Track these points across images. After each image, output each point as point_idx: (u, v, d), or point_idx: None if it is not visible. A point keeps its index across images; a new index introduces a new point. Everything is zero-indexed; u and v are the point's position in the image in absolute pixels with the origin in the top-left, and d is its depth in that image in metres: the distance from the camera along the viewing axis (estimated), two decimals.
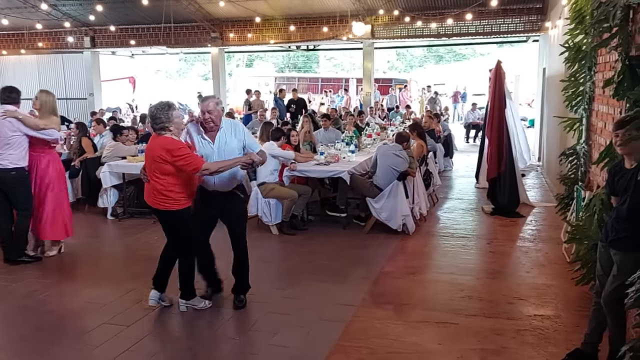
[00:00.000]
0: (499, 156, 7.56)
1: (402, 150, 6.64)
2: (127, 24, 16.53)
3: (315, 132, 9.17)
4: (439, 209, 8.03)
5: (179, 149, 3.98)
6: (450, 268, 5.40)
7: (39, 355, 3.77)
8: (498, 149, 7.56)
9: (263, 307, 4.47)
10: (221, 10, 15.09)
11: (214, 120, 4.16)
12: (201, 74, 38.59)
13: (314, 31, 15.31)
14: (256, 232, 6.73)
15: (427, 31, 14.50)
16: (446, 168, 11.33)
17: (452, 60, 41.15)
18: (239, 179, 4.40)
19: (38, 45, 17.99)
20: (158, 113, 4.07)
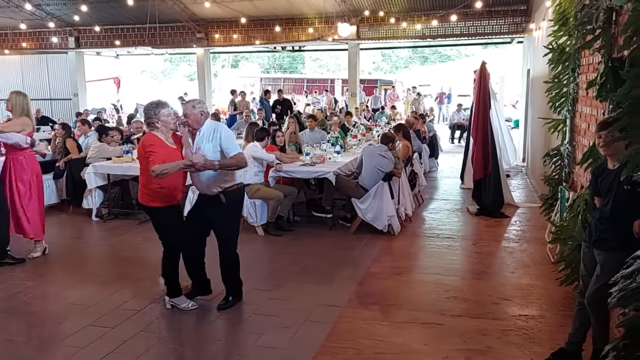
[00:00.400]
0: (485, 157, 7.62)
1: (388, 151, 6.66)
2: (112, 24, 16.39)
3: (301, 132, 9.16)
4: (425, 209, 8.07)
5: (150, 145, 4.06)
6: (436, 269, 5.42)
7: (23, 359, 3.71)
8: (484, 150, 7.61)
9: (249, 309, 4.45)
10: (206, 11, 15.02)
11: (190, 124, 4.17)
12: (186, 74, 38.36)
13: (299, 32, 15.31)
14: (242, 233, 6.54)
15: (412, 32, 14.57)
16: (431, 169, 11.39)
17: (437, 62, 41.41)
18: (226, 184, 4.25)
19: (22, 46, 17.75)
20: (148, 110, 4.23)
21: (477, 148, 7.69)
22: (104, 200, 7.62)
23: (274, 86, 23.21)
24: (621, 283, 2.46)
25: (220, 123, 4.61)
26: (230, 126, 12.71)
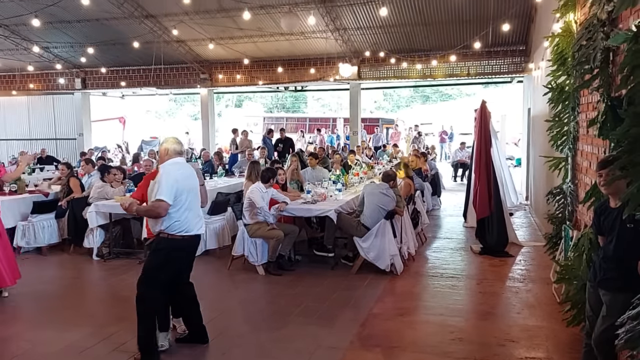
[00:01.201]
0: (489, 196, 7.57)
1: (389, 189, 6.64)
2: (118, 65, 16.72)
3: (302, 170, 9.18)
4: (428, 248, 7.99)
5: (146, 178, 4.37)
6: (440, 309, 5.32)
7: None
8: (487, 188, 7.58)
9: (250, 350, 4.35)
10: (210, 53, 15.34)
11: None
12: (191, 114, 38.84)
13: (301, 72, 15.57)
14: (242, 272, 6.62)
15: (412, 72, 14.80)
16: (434, 207, 11.35)
17: (438, 100, 41.90)
18: (155, 227, 4.14)
19: (29, 87, 18.07)
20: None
21: (480, 187, 7.66)
22: (105, 239, 7.58)
23: (277, 125, 23.45)
24: (628, 324, 2.40)
25: (170, 166, 4.13)
26: (232, 165, 12.79)
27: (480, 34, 12.33)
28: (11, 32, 14.50)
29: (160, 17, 13.41)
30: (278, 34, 13.69)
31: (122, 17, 13.09)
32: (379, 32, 13.52)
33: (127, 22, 13.38)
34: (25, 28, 13.95)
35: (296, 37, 13.78)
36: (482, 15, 11.98)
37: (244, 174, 10.90)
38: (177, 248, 4.15)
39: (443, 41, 13.54)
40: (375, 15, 12.39)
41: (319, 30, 13.41)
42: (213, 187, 9.08)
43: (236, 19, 12.62)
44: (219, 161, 12.39)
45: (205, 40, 14.29)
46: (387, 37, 13.70)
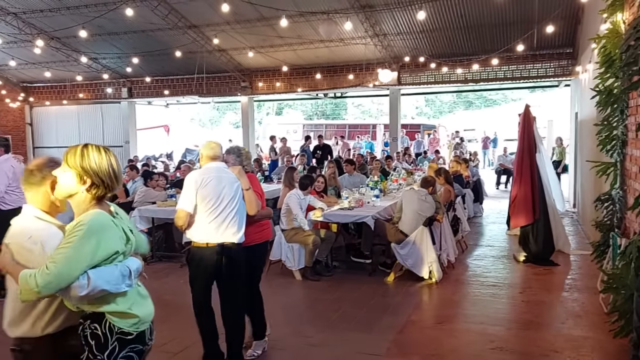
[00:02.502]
0: (533, 202, 7.33)
1: (428, 195, 6.54)
2: (162, 75, 17.20)
3: (340, 177, 9.17)
4: (468, 256, 7.81)
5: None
6: (481, 318, 5.18)
7: None
8: (532, 195, 7.33)
9: (287, 355, 4.37)
10: (251, 61, 15.57)
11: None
12: (232, 122, 39.52)
13: (340, 79, 15.58)
14: (280, 277, 6.65)
15: (453, 77, 14.58)
16: (476, 214, 11.10)
17: (482, 106, 41.11)
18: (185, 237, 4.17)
19: (79, 96, 18.81)
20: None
21: (521, 193, 7.40)
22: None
23: (316, 132, 23.51)
24: None
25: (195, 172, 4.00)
26: (272, 171, 12.90)
27: (524, 36, 12.02)
28: (62, 44, 15.15)
29: (203, 27, 13.72)
30: (317, 41, 13.77)
31: (167, 28, 13.46)
32: (419, 37, 13.39)
33: (171, 33, 13.76)
34: (75, 40, 14.55)
35: (335, 43, 13.81)
36: (525, 17, 11.69)
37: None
38: (203, 257, 3.87)
39: (485, 44, 13.28)
40: (415, 20, 12.28)
41: (357, 37, 13.41)
42: None
43: (275, 27, 12.77)
44: (258, 168, 12.52)
45: (245, 48, 14.53)
46: (427, 41, 13.55)
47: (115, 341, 2.24)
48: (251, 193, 4.13)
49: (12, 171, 6.01)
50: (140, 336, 2.33)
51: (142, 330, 2.34)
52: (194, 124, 38.67)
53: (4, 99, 18.61)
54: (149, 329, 2.41)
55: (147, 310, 2.37)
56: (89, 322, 2.24)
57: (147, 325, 2.38)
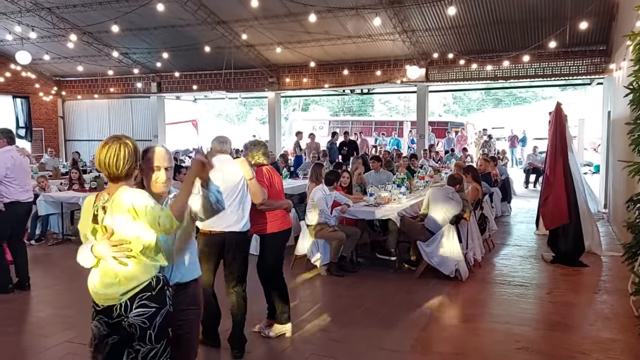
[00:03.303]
0: (568, 204, 7.16)
1: (455, 193, 6.48)
2: (191, 70, 17.39)
3: (366, 174, 9.14)
4: (495, 255, 7.70)
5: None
6: (506, 317, 5.11)
7: None
8: (567, 196, 7.16)
9: (309, 348, 4.39)
10: (278, 56, 15.61)
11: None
12: (259, 117, 39.74)
13: (367, 75, 15.51)
14: (304, 272, 6.68)
15: (483, 74, 14.35)
16: (504, 213, 10.93)
17: (512, 104, 40.40)
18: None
19: (109, 90, 19.16)
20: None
21: (554, 194, 7.20)
22: None
23: (342, 129, 23.48)
24: None
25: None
26: (297, 167, 12.95)
27: (556, 33, 11.76)
28: (94, 38, 15.45)
29: (231, 23, 13.81)
30: (345, 37, 13.72)
31: (196, 23, 13.60)
32: (448, 33, 13.23)
33: (200, 29, 13.89)
34: (107, 35, 14.81)
35: (363, 39, 13.75)
36: (558, 13, 11.43)
37: (308, 176, 11.05)
38: (207, 244, 4.12)
39: (516, 41, 13.04)
40: (445, 16, 12.13)
41: (386, 32, 13.32)
42: None
43: (303, 22, 12.77)
44: (284, 163, 12.59)
45: (273, 44, 14.58)
46: (457, 37, 13.38)
47: None
48: (254, 183, 4.25)
49: (12, 162, 5.76)
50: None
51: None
52: (221, 120, 39.04)
53: (37, 92, 19.10)
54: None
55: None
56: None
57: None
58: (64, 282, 6.46)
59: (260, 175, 4.44)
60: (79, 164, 12.67)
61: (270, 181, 4.53)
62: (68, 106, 20.62)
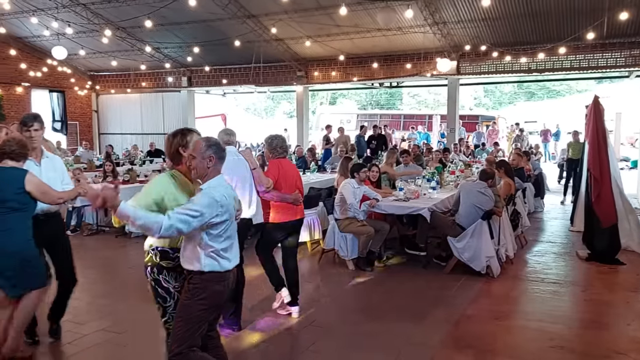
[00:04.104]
0: (614, 200, 6.93)
1: (487, 188, 6.36)
2: (221, 64, 17.53)
3: (395, 168, 9.06)
4: (528, 251, 7.55)
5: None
6: (540, 315, 5.00)
7: None
8: (612, 192, 6.93)
9: (338, 341, 4.38)
10: (307, 50, 15.60)
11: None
12: (287, 111, 39.84)
13: (397, 68, 15.37)
14: (333, 266, 6.68)
15: (516, 66, 14.06)
16: (537, 209, 10.70)
17: (545, 97, 39.47)
18: None
19: (142, 85, 19.49)
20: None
21: (604, 192, 6.95)
22: None
23: (370, 122, 23.29)
24: None
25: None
26: (325, 160, 12.92)
27: (593, 24, 11.42)
28: (127, 34, 15.72)
29: (261, 17, 13.86)
30: (375, 30, 13.61)
31: (226, 17, 13.69)
32: (481, 25, 12.98)
33: (230, 23, 13.98)
34: (140, 30, 15.06)
35: (393, 32, 13.61)
36: (596, 4, 11.10)
37: (335, 170, 11.01)
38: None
39: (551, 32, 12.71)
40: (477, 7, 11.91)
41: (416, 25, 13.16)
42: (306, 182, 9.22)
43: (333, 15, 12.72)
44: (311, 157, 12.58)
45: (302, 38, 14.57)
46: (490, 29, 13.12)
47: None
48: (256, 171, 4.63)
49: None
50: None
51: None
52: (249, 114, 39.29)
53: (72, 87, 19.56)
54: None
55: None
56: None
57: None
58: (99, 272, 6.62)
59: (271, 167, 4.82)
60: (112, 156, 12.95)
61: (278, 174, 4.77)
62: (102, 100, 21.06)
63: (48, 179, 4.02)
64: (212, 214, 2.81)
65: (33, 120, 4.11)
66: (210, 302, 2.93)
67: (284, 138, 5.12)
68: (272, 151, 4.92)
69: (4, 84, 17.02)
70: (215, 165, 2.95)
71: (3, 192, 3.61)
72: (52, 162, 4.27)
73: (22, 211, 3.74)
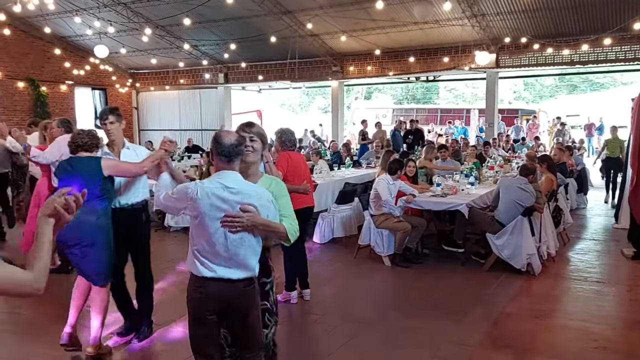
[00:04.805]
0: None
1: (528, 184, 6.20)
2: (257, 60, 17.65)
3: None
4: (570, 249, 7.34)
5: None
6: (582, 314, 4.87)
7: None
8: None
9: (376, 337, 4.38)
10: (342, 45, 15.53)
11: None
12: (321, 106, 39.86)
13: (434, 62, 15.13)
14: (368, 261, 6.65)
15: (558, 59, 13.63)
16: (579, 205, 10.38)
17: (588, 90, 38.21)
18: None
19: (180, 82, 19.83)
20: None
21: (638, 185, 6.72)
22: None
23: (406, 117, 23.06)
24: None
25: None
26: (361, 155, 12.87)
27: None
28: (166, 32, 16.01)
29: (297, 13, 13.87)
30: (411, 24, 13.43)
31: (262, 14, 13.76)
32: (521, 17, 12.63)
33: (266, 19, 14.05)
34: (178, 28, 15.30)
35: (430, 25, 13.40)
36: None
37: (371, 165, 10.95)
38: None
39: (595, 23, 12.26)
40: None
41: (454, 17, 12.91)
42: (341, 177, 9.24)
43: (369, 10, 12.62)
44: (347, 152, 12.55)
45: (337, 33, 14.51)
46: (531, 21, 12.76)
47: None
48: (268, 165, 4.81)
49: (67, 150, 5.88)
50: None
51: None
52: (284, 109, 39.47)
53: (114, 84, 20.07)
54: None
55: None
56: (267, 254, 2.95)
57: None
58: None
59: (280, 159, 5.00)
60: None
61: (287, 166, 4.92)
62: (141, 97, 21.54)
63: None
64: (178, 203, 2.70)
65: (108, 114, 4.18)
66: (190, 310, 2.70)
67: (293, 132, 5.28)
68: (281, 144, 5.14)
69: (49, 82, 17.60)
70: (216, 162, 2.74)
71: (82, 180, 3.62)
72: (135, 152, 4.28)
73: (101, 198, 3.84)
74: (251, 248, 2.65)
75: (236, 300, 2.65)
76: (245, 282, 2.66)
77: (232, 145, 2.65)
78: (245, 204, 2.59)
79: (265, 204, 2.67)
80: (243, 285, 2.65)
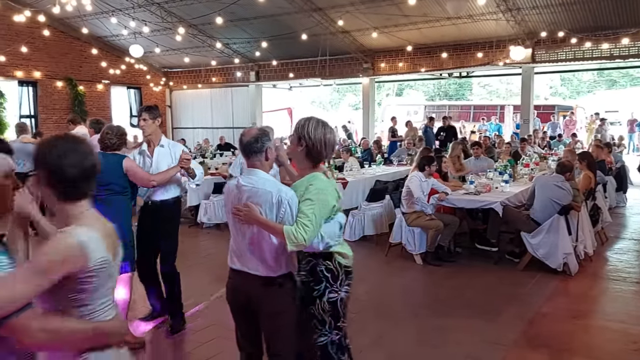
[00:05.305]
0: None
1: (565, 182, 6.04)
2: (287, 58, 17.72)
3: (465, 160, 8.81)
4: (609, 249, 7.12)
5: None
6: (621, 316, 4.72)
7: None
8: None
9: (410, 337, 4.35)
10: (374, 42, 15.44)
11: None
12: (352, 104, 39.69)
13: (467, 57, 14.88)
14: (400, 259, 6.60)
15: (597, 53, 13.23)
16: (618, 204, 10.06)
17: (628, 85, 36.95)
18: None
19: (212, 80, 20.08)
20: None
21: None
22: None
23: (438, 114, 22.78)
24: None
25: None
26: (391, 153, 12.78)
27: None
28: (198, 31, 16.23)
29: (328, 9, 13.85)
30: (444, 19, 13.25)
31: (293, 11, 13.80)
32: (558, 10, 12.30)
33: (297, 17, 14.08)
34: (210, 27, 15.48)
35: (463, 20, 13.19)
36: None
37: (402, 163, 10.87)
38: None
39: (636, 16, 11.84)
40: None
41: (488, 12, 12.67)
42: (371, 175, 9.20)
43: (401, 5, 12.49)
44: (377, 150, 12.48)
45: (369, 29, 14.43)
46: (568, 14, 12.41)
47: (343, 274, 2.79)
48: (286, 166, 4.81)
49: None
50: (351, 271, 2.86)
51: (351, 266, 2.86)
52: (315, 107, 39.48)
53: (148, 83, 20.47)
54: None
55: (351, 252, 2.86)
56: (321, 260, 2.75)
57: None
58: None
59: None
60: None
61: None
62: (175, 96, 21.89)
63: (157, 167, 4.26)
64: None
65: (142, 112, 4.33)
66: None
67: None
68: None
69: (86, 82, 18.06)
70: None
71: (107, 176, 3.75)
72: (170, 150, 4.38)
73: (122, 194, 4.03)
74: (270, 246, 2.65)
75: (256, 296, 2.68)
76: (265, 280, 2.67)
77: (248, 143, 2.70)
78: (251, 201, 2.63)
79: (270, 204, 2.62)
80: (262, 283, 2.66)
